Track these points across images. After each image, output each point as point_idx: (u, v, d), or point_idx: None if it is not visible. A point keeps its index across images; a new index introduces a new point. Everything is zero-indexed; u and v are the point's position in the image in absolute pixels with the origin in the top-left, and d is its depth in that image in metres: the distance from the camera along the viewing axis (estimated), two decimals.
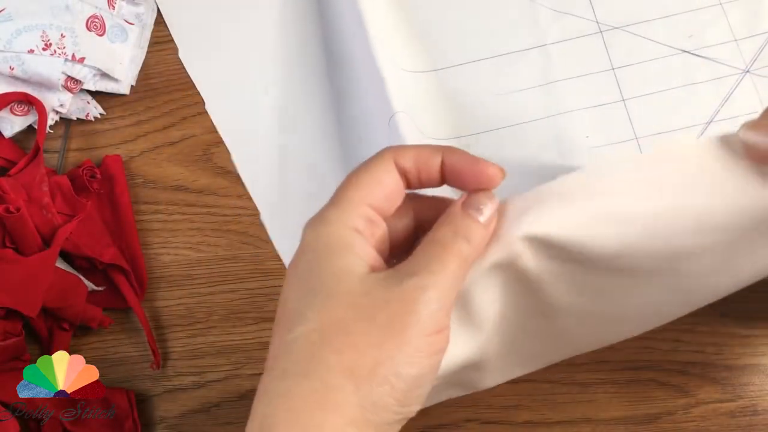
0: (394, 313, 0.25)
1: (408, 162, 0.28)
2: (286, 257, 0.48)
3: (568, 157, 0.47)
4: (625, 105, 0.48)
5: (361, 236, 0.27)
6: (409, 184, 0.29)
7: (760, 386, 0.43)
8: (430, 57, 0.51)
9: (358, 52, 0.49)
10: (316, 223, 0.28)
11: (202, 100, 0.51)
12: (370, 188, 0.28)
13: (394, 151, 0.28)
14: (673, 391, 0.43)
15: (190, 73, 0.52)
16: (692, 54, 0.49)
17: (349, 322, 0.25)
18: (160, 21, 0.53)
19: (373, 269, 0.27)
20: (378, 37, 0.48)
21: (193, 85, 0.52)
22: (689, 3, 0.50)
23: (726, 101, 0.48)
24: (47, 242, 0.44)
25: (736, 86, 0.48)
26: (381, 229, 0.28)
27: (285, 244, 0.48)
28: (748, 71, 0.48)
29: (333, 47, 0.52)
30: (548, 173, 0.46)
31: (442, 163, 0.29)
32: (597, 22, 0.50)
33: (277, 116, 0.51)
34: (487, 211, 0.27)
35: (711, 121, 0.47)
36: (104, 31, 0.50)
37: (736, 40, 0.49)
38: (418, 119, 0.48)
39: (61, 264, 0.44)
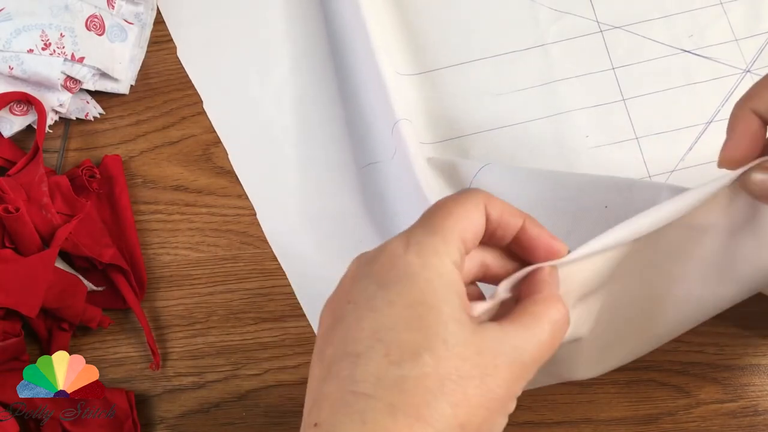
0: (502, 379, 0.26)
1: (495, 212, 0.28)
2: (282, 257, 0.48)
3: (568, 157, 0.47)
4: (625, 105, 0.48)
5: (459, 272, 0.27)
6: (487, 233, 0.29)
7: (761, 386, 0.42)
8: (429, 57, 0.51)
9: (359, 53, 0.49)
10: (422, 249, 0.26)
11: (201, 99, 0.51)
12: (465, 223, 0.27)
13: (486, 195, 0.28)
14: (673, 392, 0.43)
15: (188, 72, 0.52)
16: (692, 54, 0.49)
17: (464, 376, 0.25)
18: (159, 20, 0.53)
19: (467, 311, 0.27)
20: (377, 39, 0.48)
21: (193, 84, 0.52)
22: (690, 3, 0.50)
23: (726, 101, 0.48)
24: (47, 242, 0.44)
25: (737, 86, 0.48)
26: (464, 264, 0.28)
27: (280, 243, 0.48)
28: (748, 71, 0.48)
29: (334, 47, 0.52)
30: (548, 173, 0.47)
31: (522, 228, 0.29)
32: (597, 22, 0.50)
33: (276, 116, 0.51)
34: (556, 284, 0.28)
35: (711, 121, 0.47)
36: (104, 30, 0.50)
37: (736, 39, 0.49)
38: (417, 122, 0.48)
39: (60, 264, 0.44)
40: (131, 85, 0.52)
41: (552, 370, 0.34)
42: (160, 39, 0.53)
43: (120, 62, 0.51)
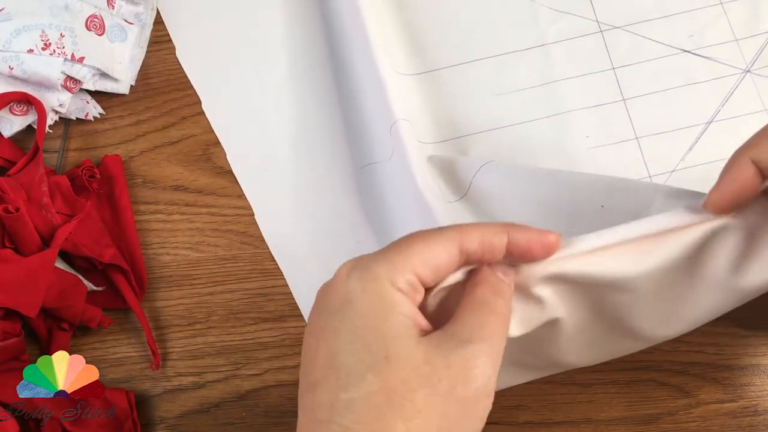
0: (455, 382, 0.26)
1: (473, 245, 0.28)
2: (280, 257, 0.48)
3: (568, 156, 0.47)
4: (625, 105, 0.48)
5: (406, 296, 0.27)
6: (469, 262, 0.29)
7: (761, 386, 0.42)
8: (430, 57, 0.51)
9: (358, 53, 0.49)
10: (363, 275, 0.27)
11: (200, 99, 0.51)
12: (423, 259, 0.28)
13: (461, 233, 0.28)
14: (673, 392, 0.43)
15: (187, 72, 0.52)
16: (692, 54, 0.49)
17: (413, 388, 0.26)
18: (159, 20, 0.53)
19: (419, 328, 0.27)
20: (377, 39, 0.48)
21: (193, 84, 0.52)
22: (690, 3, 0.50)
23: (726, 101, 0.48)
24: (47, 242, 0.44)
25: (737, 86, 0.48)
26: (420, 297, 0.29)
27: (278, 243, 0.48)
28: (748, 71, 0.48)
29: (333, 47, 0.52)
30: (548, 172, 0.47)
31: (509, 242, 0.29)
32: (597, 22, 0.50)
33: (275, 116, 0.51)
34: (512, 271, 0.29)
35: (711, 121, 0.47)
36: (104, 30, 0.50)
37: (736, 39, 0.49)
38: (417, 122, 0.48)
39: (60, 264, 0.44)
40: (131, 85, 0.52)
41: (540, 352, 0.34)
42: (160, 39, 0.53)
43: (120, 62, 0.51)
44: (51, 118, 0.49)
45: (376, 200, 0.48)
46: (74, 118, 0.51)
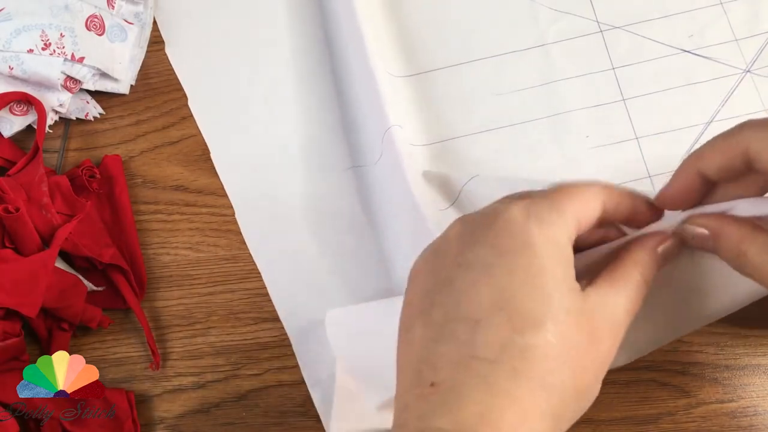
0: (605, 343, 0.27)
1: (611, 204, 0.29)
2: (258, 255, 0.47)
3: (568, 156, 0.47)
4: (625, 105, 0.48)
5: (571, 246, 0.28)
6: (603, 219, 0.30)
7: (761, 386, 0.42)
8: (430, 58, 0.51)
9: (353, 55, 0.49)
10: (543, 222, 0.27)
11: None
12: (583, 208, 0.28)
13: (606, 192, 0.29)
14: (673, 392, 0.43)
15: (175, 69, 0.52)
16: (692, 54, 0.49)
17: (581, 343, 0.26)
18: None
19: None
20: (374, 41, 0.48)
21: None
22: (690, 3, 0.50)
23: (726, 101, 0.48)
24: (47, 242, 0.44)
25: (737, 86, 0.48)
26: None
27: (257, 242, 0.48)
28: (748, 71, 0.48)
29: (329, 48, 0.52)
30: (548, 173, 0.47)
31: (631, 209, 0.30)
32: (597, 22, 0.50)
33: (264, 113, 0.50)
34: (665, 246, 0.30)
35: (711, 121, 0.47)
36: (104, 30, 0.50)
37: (736, 39, 0.49)
38: (416, 122, 0.48)
39: (60, 264, 0.44)
40: (131, 85, 0.52)
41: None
42: (160, 39, 0.53)
43: (120, 62, 0.51)
44: (51, 118, 0.49)
45: (366, 202, 0.48)
46: (74, 118, 0.51)
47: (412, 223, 0.44)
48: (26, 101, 0.48)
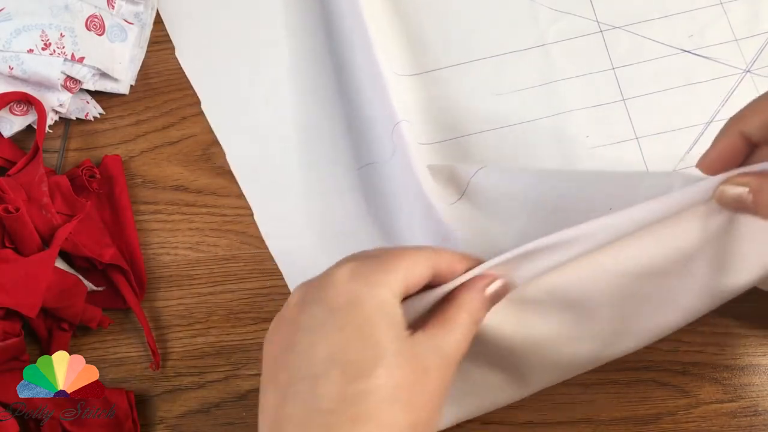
0: (435, 377, 0.29)
1: (442, 267, 0.32)
2: (280, 257, 0.48)
3: (568, 157, 0.47)
4: (625, 105, 0.48)
5: (398, 303, 0.30)
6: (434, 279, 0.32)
7: (761, 386, 0.42)
8: (430, 58, 0.51)
9: (358, 54, 0.49)
10: (369, 280, 0.29)
11: (199, 99, 0.51)
12: (411, 269, 0.30)
13: (437, 256, 0.32)
14: (673, 392, 0.43)
15: (186, 71, 0.52)
16: (692, 54, 0.49)
17: (409, 382, 0.28)
18: (159, 20, 0.53)
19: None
20: (377, 39, 0.48)
21: (193, 84, 0.52)
22: (690, 3, 0.50)
23: (726, 101, 0.48)
24: (47, 242, 0.44)
25: (737, 86, 0.48)
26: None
27: (278, 244, 0.48)
28: (748, 71, 0.48)
29: (334, 47, 0.52)
30: (548, 173, 0.47)
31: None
32: (597, 22, 0.50)
33: (275, 116, 0.51)
34: (493, 287, 0.32)
35: (711, 121, 0.47)
36: (104, 30, 0.50)
37: (736, 39, 0.49)
38: (416, 122, 0.48)
39: (60, 264, 0.44)
40: (131, 85, 0.52)
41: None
42: (160, 39, 0.53)
43: (120, 62, 0.51)
44: (51, 118, 0.49)
45: (376, 200, 0.48)
46: (74, 118, 0.51)
47: (425, 218, 0.44)
48: (26, 101, 0.48)
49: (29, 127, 0.50)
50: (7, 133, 0.49)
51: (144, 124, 0.51)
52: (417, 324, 0.30)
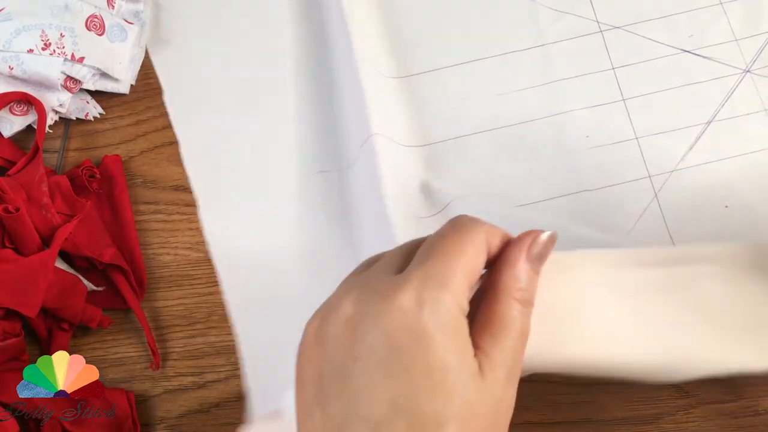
0: (511, 406, 0.28)
1: (494, 247, 0.28)
2: (219, 259, 0.47)
3: (568, 157, 0.47)
4: (625, 105, 0.48)
5: (466, 320, 0.27)
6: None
7: (761, 386, 0.42)
8: (429, 58, 0.51)
9: (342, 59, 0.49)
10: (436, 307, 0.25)
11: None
12: (471, 265, 0.27)
13: (489, 235, 0.28)
14: (673, 392, 0.43)
15: (155, 66, 0.52)
16: (692, 54, 0.49)
17: (485, 428, 0.26)
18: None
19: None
20: (369, 42, 0.48)
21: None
22: (689, 3, 0.50)
23: (726, 101, 0.48)
24: (47, 242, 0.44)
25: (737, 86, 0.48)
26: None
27: (220, 245, 0.48)
28: (748, 71, 0.48)
29: (314, 49, 0.51)
30: (548, 173, 0.47)
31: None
32: (597, 22, 0.50)
33: (236, 113, 0.50)
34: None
35: (711, 121, 0.47)
36: (104, 30, 0.50)
37: (736, 39, 0.49)
38: (415, 122, 0.48)
39: (60, 264, 0.44)
40: (131, 85, 0.52)
41: None
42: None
43: (120, 62, 0.51)
44: (51, 118, 0.49)
45: (332, 208, 0.47)
46: (74, 118, 0.51)
47: (380, 233, 0.44)
48: (26, 101, 0.48)
49: (29, 127, 0.50)
50: (7, 133, 0.49)
51: (144, 124, 0.51)
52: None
